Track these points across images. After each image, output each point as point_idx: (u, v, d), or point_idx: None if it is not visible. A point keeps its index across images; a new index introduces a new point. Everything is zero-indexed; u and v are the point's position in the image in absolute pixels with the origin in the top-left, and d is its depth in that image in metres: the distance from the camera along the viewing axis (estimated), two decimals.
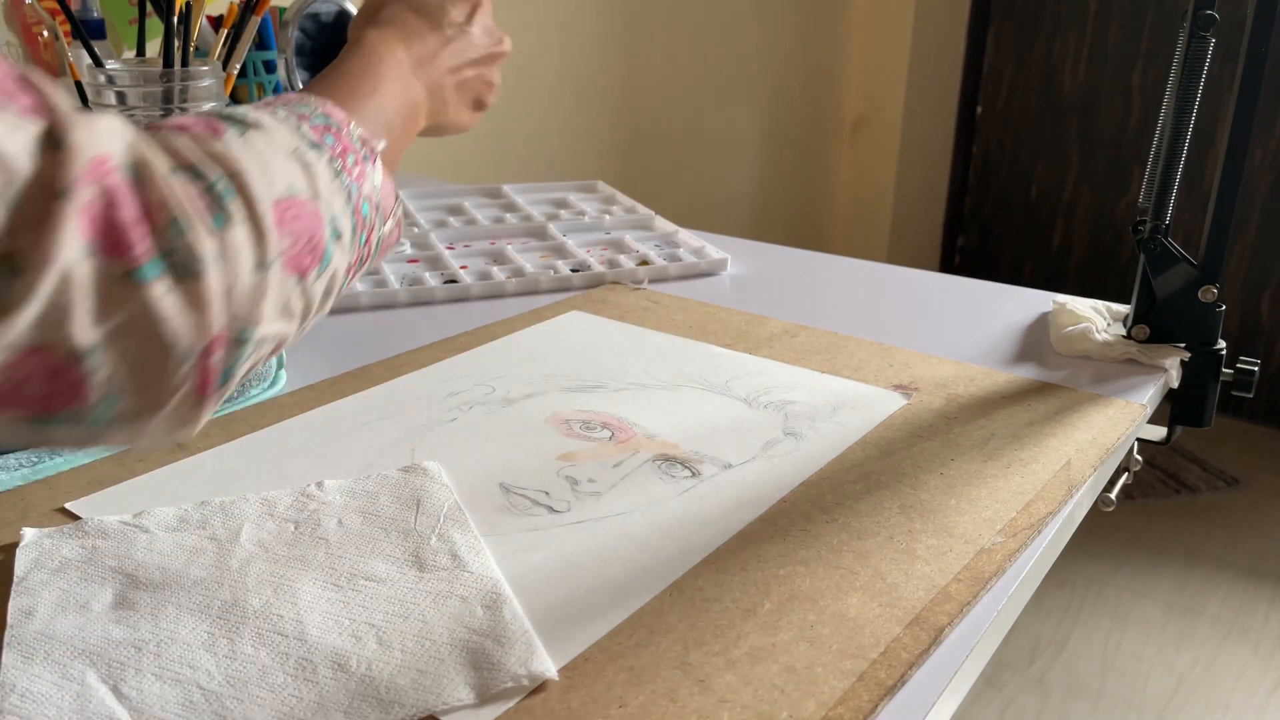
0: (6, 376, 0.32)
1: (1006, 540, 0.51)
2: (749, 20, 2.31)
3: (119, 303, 0.33)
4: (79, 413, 0.35)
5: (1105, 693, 1.67)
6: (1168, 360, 0.73)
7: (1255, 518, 2.16)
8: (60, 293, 0.32)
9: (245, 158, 0.39)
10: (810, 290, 0.92)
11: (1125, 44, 2.59)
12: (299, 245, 0.40)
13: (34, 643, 0.43)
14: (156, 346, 0.35)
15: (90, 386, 0.34)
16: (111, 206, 0.33)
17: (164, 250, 0.34)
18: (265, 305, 0.39)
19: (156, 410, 0.37)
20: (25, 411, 0.34)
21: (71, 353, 0.33)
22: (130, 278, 0.34)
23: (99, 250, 0.33)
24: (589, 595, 0.47)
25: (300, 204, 0.41)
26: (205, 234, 0.36)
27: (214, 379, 0.38)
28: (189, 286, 0.35)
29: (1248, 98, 0.67)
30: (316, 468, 0.58)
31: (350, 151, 0.46)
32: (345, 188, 0.44)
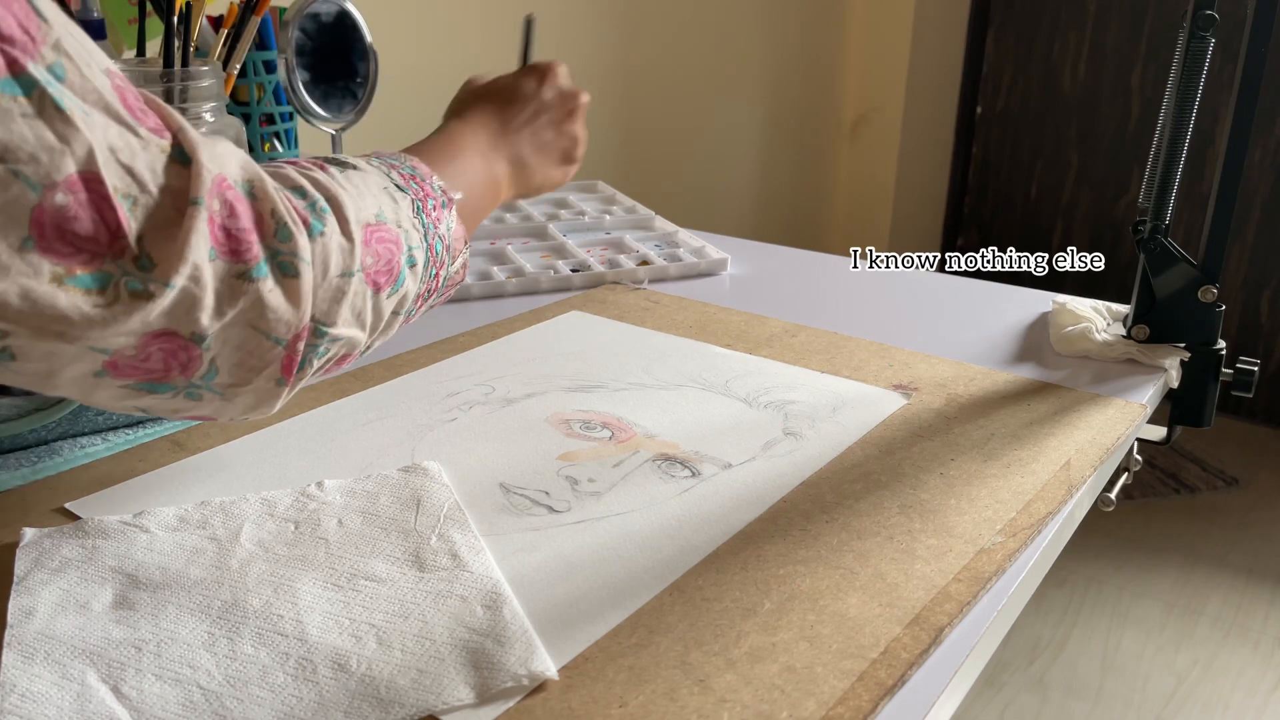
0: (136, 352, 0.38)
1: (1006, 540, 0.51)
2: (749, 20, 2.31)
3: (235, 296, 0.40)
4: (185, 382, 0.41)
5: (1105, 692, 1.67)
6: (1167, 360, 0.73)
7: (1255, 518, 2.16)
8: (190, 287, 0.38)
9: (342, 185, 0.46)
10: (810, 290, 0.92)
11: (1125, 44, 2.59)
12: (379, 264, 0.46)
13: (34, 643, 0.43)
14: (259, 333, 0.41)
15: (202, 362, 0.41)
16: (232, 216, 0.39)
17: (271, 252, 0.41)
18: (343, 308, 0.45)
19: (245, 385, 0.43)
20: (140, 379, 0.40)
21: (193, 336, 0.39)
22: (245, 276, 0.40)
23: (221, 253, 0.39)
24: (589, 595, 0.47)
25: (385, 230, 0.47)
26: (304, 240, 0.42)
27: (295, 364, 0.44)
28: (289, 284, 0.41)
29: (1248, 98, 0.67)
30: (316, 468, 0.58)
31: (430, 197, 0.53)
32: (423, 226, 0.51)
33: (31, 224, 0.34)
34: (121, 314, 0.37)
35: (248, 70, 0.94)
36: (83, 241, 0.35)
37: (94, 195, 0.35)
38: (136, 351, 0.38)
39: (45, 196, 0.34)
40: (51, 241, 0.34)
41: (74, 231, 0.35)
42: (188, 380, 0.41)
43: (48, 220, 0.34)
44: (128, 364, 0.39)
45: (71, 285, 0.35)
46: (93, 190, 0.35)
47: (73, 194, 0.34)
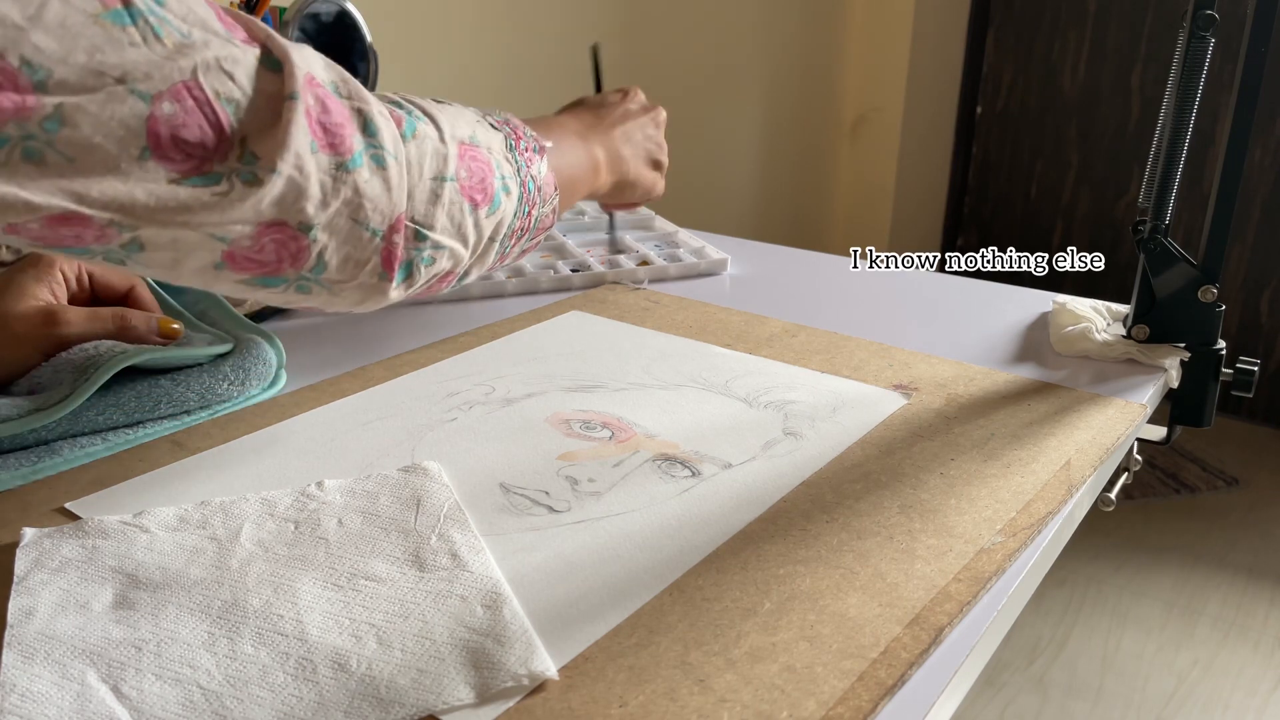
0: (251, 243, 0.42)
1: (1006, 540, 0.51)
2: (749, 20, 2.32)
3: (337, 187, 0.43)
4: (295, 275, 0.44)
5: (1105, 692, 1.67)
6: (1167, 360, 0.73)
7: (1255, 518, 2.16)
8: (294, 178, 0.41)
9: (438, 108, 0.49)
10: (810, 290, 0.92)
11: (1125, 44, 2.59)
12: (473, 180, 0.49)
13: (34, 643, 0.43)
14: (358, 222, 0.44)
15: (310, 254, 0.44)
16: (325, 111, 0.43)
17: (362, 147, 0.44)
18: (439, 212, 0.47)
19: (352, 279, 0.46)
20: (256, 272, 0.43)
21: (301, 225, 0.42)
22: (343, 167, 0.43)
23: (320, 146, 0.42)
24: (589, 595, 0.47)
25: (478, 151, 0.50)
26: (394, 136, 0.45)
27: (397, 259, 0.47)
28: (382, 175, 0.44)
29: (1248, 98, 0.67)
30: (316, 468, 0.58)
31: (523, 139, 0.55)
32: (515, 161, 0.53)
33: (148, 134, 0.38)
34: (236, 200, 0.40)
35: None
36: (193, 148, 0.39)
37: (198, 102, 0.39)
38: (252, 242, 0.42)
39: (154, 106, 0.37)
40: (166, 150, 0.38)
41: (184, 139, 0.38)
42: (298, 273, 0.44)
43: (162, 129, 0.38)
44: (244, 255, 0.42)
45: (186, 185, 0.39)
46: (196, 98, 0.39)
47: (179, 102, 0.38)
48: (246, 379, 0.66)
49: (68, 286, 0.66)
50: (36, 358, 0.62)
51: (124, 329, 0.65)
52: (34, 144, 0.36)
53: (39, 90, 0.35)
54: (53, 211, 0.37)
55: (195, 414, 0.64)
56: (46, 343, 0.62)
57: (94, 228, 0.39)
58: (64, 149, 0.36)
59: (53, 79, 0.35)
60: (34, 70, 0.35)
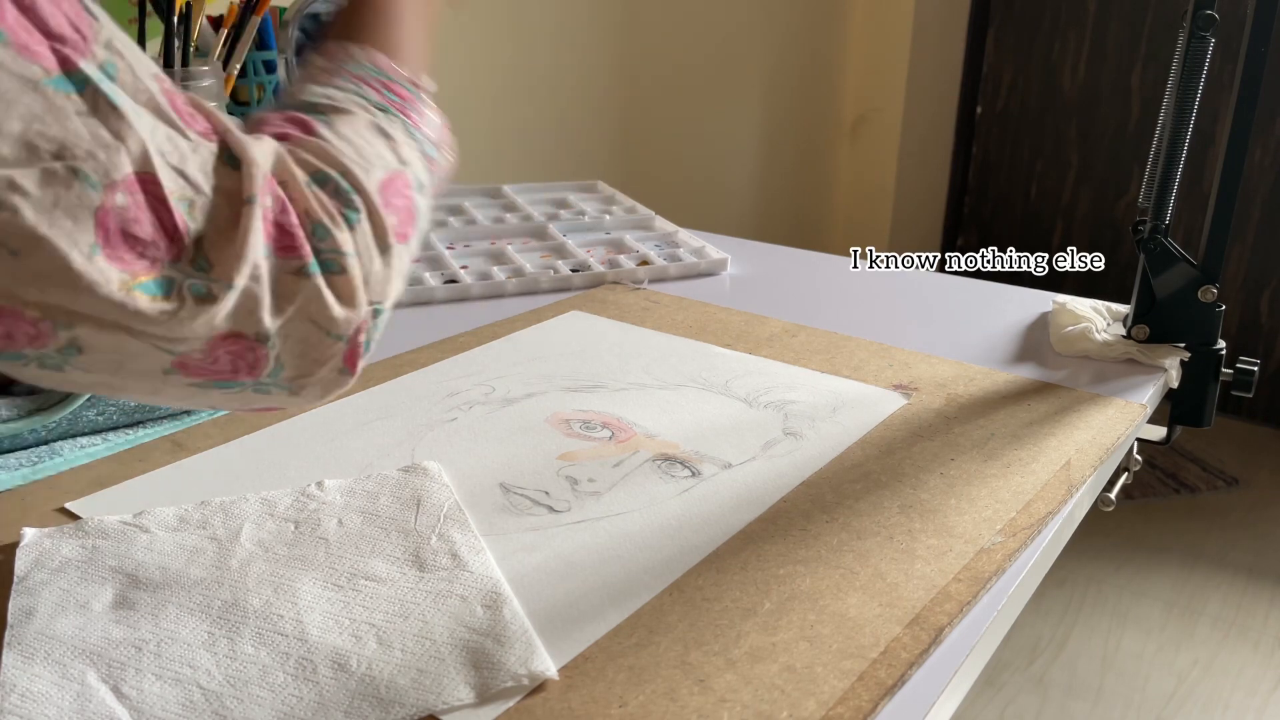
0: (204, 355, 0.39)
1: (1006, 540, 0.51)
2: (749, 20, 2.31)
3: (294, 293, 0.40)
4: (251, 382, 0.42)
5: (1105, 692, 1.67)
6: (1167, 360, 0.73)
7: (1255, 518, 2.16)
8: (251, 287, 0.38)
9: (345, 150, 0.44)
10: (810, 290, 0.92)
11: (1125, 44, 2.59)
12: (402, 217, 0.46)
13: (34, 642, 0.43)
14: (320, 329, 0.41)
15: (268, 360, 0.41)
16: (283, 213, 0.40)
17: (315, 250, 0.41)
18: (393, 281, 0.45)
19: (310, 377, 0.43)
20: (208, 379, 0.41)
21: (258, 336, 0.40)
22: (302, 272, 0.40)
23: (275, 251, 0.39)
24: (589, 595, 0.47)
25: (394, 177, 0.46)
26: (345, 233, 0.42)
27: (361, 351, 0.44)
28: (339, 281, 0.41)
29: (1248, 98, 0.67)
30: (316, 468, 0.58)
31: (409, 103, 0.51)
32: (418, 141, 0.50)
33: (97, 226, 0.34)
34: (187, 317, 0.37)
35: (248, 70, 0.94)
36: (144, 246, 0.36)
37: (151, 196, 0.36)
38: (204, 355, 0.39)
39: (106, 196, 0.34)
40: (116, 246, 0.35)
41: (135, 236, 0.35)
42: (255, 380, 0.42)
43: (111, 223, 0.35)
44: (196, 366, 0.40)
45: (138, 290, 0.36)
46: (149, 191, 0.36)
47: (131, 195, 0.35)
48: None
49: None
50: None
51: None
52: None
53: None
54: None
55: (195, 414, 0.64)
56: None
57: (26, 324, 0.35)
58: (4, 239, 0.33)
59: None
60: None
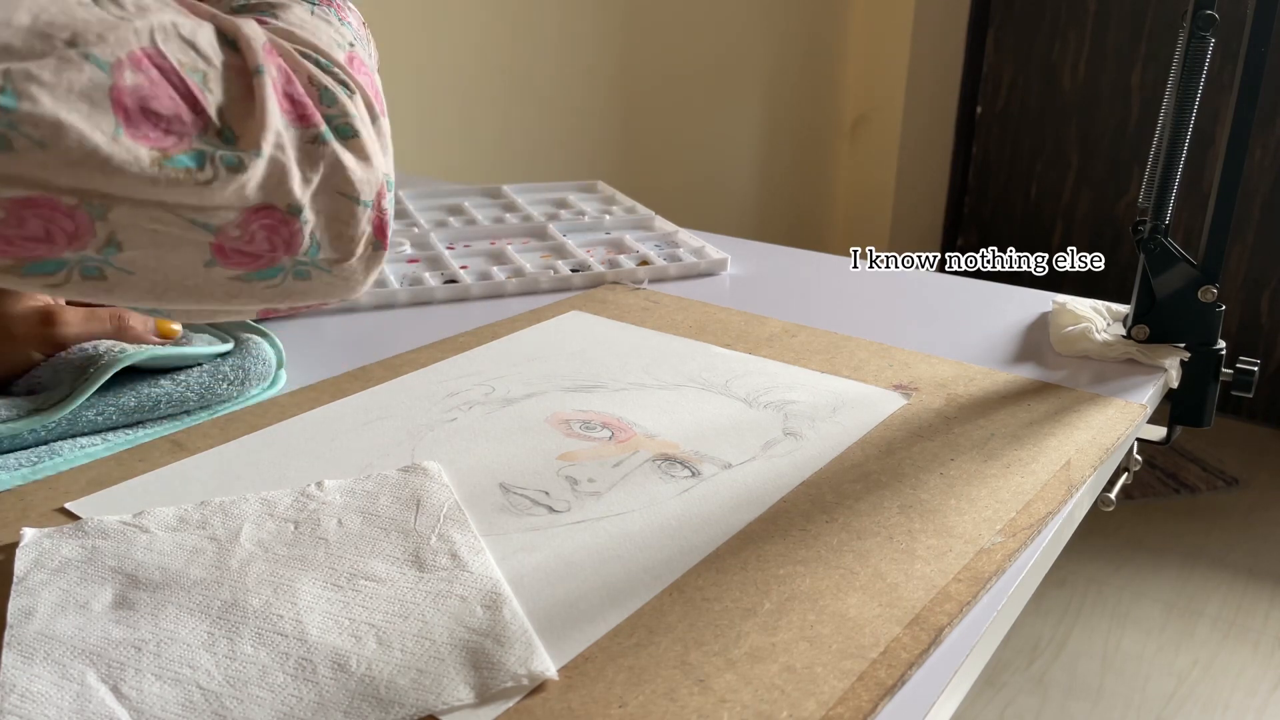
0: (240, 233, 0.39)
1: (1006, 540, 0.51)
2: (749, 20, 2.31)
3: (316, 161, 0.40)
4: (291, 262, 0.42)
5: (1105, 693, 1.67)
6: (1167, 360, 0.73)
7: (1255, 518, 2.16)
8: (276, 156, 0.39)
9: (308, 32, 0.44)
10: (810, 290, 0.92)
11: (1125, 44, 2.59)
12: (372, 91, 0.45)
13: (34, 643, 0.43)
14: (346, 197, 0.42)
15: (304, 236, 0.41)
16: (289, 82, 0.40)
17: (327, 116, 0.41)
18: (389, 150, 0.44)
19: (349, 255, 0.43)
20: (250, 266, 0.41)
21: (290, 207, 0.40)
22: (318, 140, 0.40)
23: (292, 120, 0.40)
24: (589, 595, 0.47)
25: (353, 56, 0.46)
26: (345, 99, 0.42)
27: (388, 219, 0.44)
28: (353, 144, 0.42)
29: (1248, 98, 0.67)
30: (316, 468, 0.58)
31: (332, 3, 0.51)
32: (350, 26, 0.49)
33: (114, 106, 0.35)
34: (220, 186, 0.38)
35: None
36: (168, 121, 0.36)
37: (164, 70, 0.36)
38: (240, 231, 0.39)
39: (116, 75, 0.35)
40: (138, 123, 0.36)
41: (156, 111, 0.36)
42: (294, 259, 0.42)
43: (129, 101, 0.35)
44: (234, 248, 0.40)
45: (170, 165, 0.36)
46: (160, 66, 0.36)
47: (143, 72, 0.36)
48: (246, 379, 0.66)
49: None
50: (35, 358, 0.62)
51: (122, 329, 0.65)
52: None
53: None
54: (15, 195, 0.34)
55: (195, 414, 0.64)
56: (45, 343, 0.62)
57: (62, 213, 0.35)
58: (31, 131, 0.33)
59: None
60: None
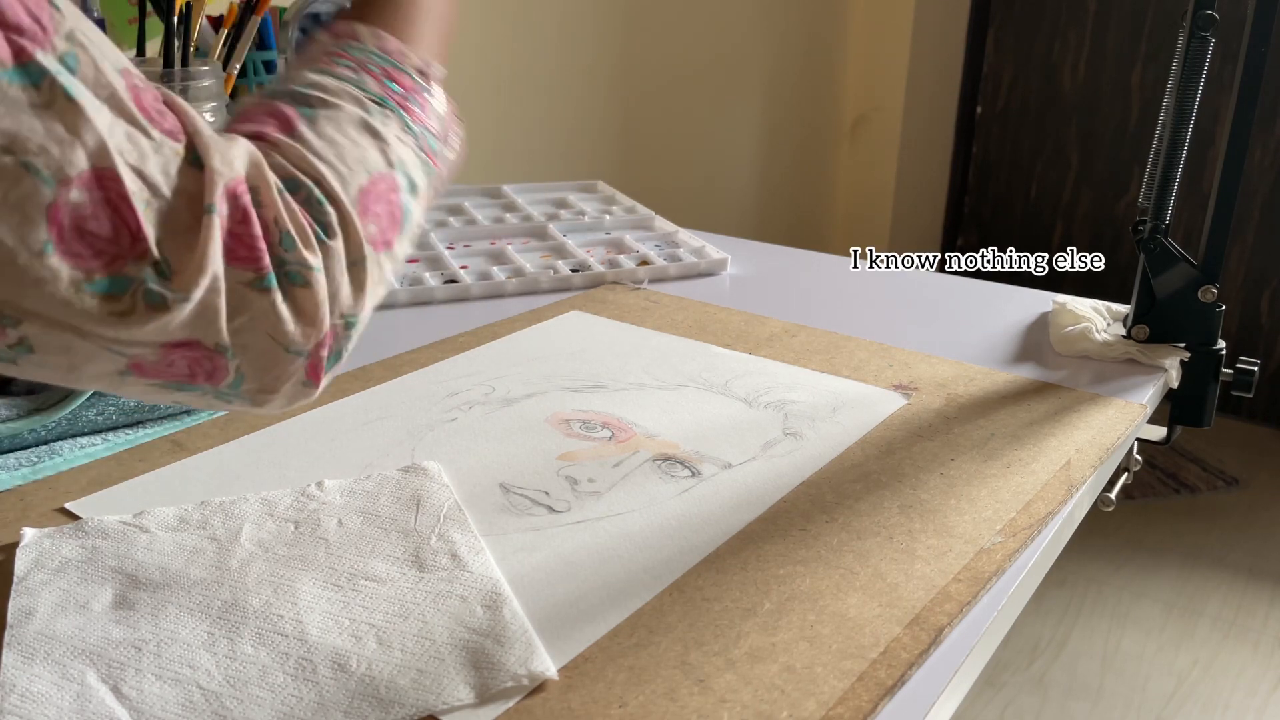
0: (159, 359, 0.38)
1: (1006, 540, 0.51)
2: (749, 20, 2.31)
3: (248, 306, 0.38)
4: (211, 388, 0.41)
5: (1105, 693, 1.67)
6: (1167, 360, 0.73)
7: (1255, 518, 2.16)
8: (209, 298, 0.37)
9: (325, 153, 0.42)
10: (810, 290, 0.92)
11: (1125, 44, 2.59)
12: (383, 223, 0.44)
13: (34, 643, 0.43)
14: (275, 344, 0.40)
15: (228, 371, 0.40)
16: (245, 222, 0.38)
17: (278, 261, 0.39)
18: (366, 292, 0.43)
19: (273, 393, 0.42)
20: (167, 378, 0.39)
21: (217, 346, 0.39)
22: (256, 284, 0.38)
23: (234, 260, 0.38)
24: (589, 595, 0.47)
25: (378, 181, 0.44)
26: (312, 246, 0.40)
27: (324, 365, 0.42)
28: (301, 294, 0.40)
29: (1248, 98, 0.67)
30: (316, 468, 0.58)
31: (412, 93, 0.48)
32: (416, 136, 0.47)
33: (50, 223, 0.33)
34: (136, 323, 0.36)
35: (248, 70, 0.94)
36: (103, 244, 0.34)
37: (110, 194, 0.34)
38: (159, 358, 0.38)
39: (60, 193, 0.33)
40: (71, 243, 0.34)
41: (93, 233, 0.34)
42: (215, 388, 0.41)
43: (65, 220, 0.34)
44: (152, 368, 0.38)
45: (89, 290, 0.35)
46: (108, 188, 0.34)
47: (88, 191, 0.34)
48: None
49: None
50: None
51: None
52: None
53: None
54: None
55: (195, 414, 0.64)
56: None
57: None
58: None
59: None
60: None
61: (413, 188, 0.47)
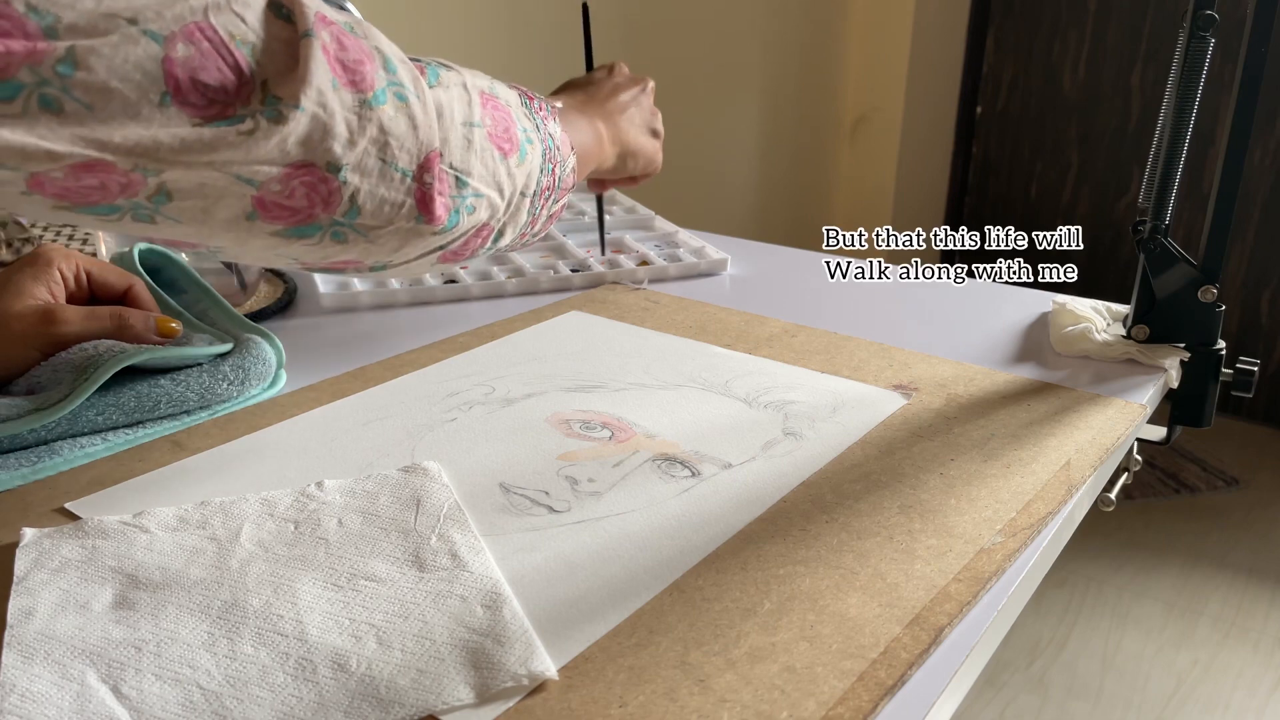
0: (281, 187, 0.41)
1: (1006, 540, 0.51)
2: (749, 20, 2.31)
3: (361, 124, 0.42)
4: (329, 220, 0.44)
5: (1105, 692, 1.67)
6: (1167, 360, 0.73)
7: (1255, 518, 2.16)
8: (318, 115, 0.41)
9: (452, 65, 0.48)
10: (810, 290, 0.92)
11: (1125, 44, 2.59)
12: (498, 129, 0.48)
13: (34, 643, 0.43)
14: (386, 162, 0.43)
15: (342, 197, 0.43)
16: (343, 48, 0.42)
17: (385, 83, 0.43)
18: (474, 159, 0.47)
19: (388, 224, 0.45)
20: (289, 221, 0.43)
21: (330, 166, 0.42)
22: (366, 104, 0.42)
23: (341, 83, 0.42)
24: (589, 595, 0.47)
25: (498, 102, 0.49)
26: (414, 79, 0.45)
27: (435, 201, 0.46)
28: (406, 113, 0.44)
29: (1248, 98, 0.67)
30: (316, 468, 0.58)
31: (535, 99, 0.55)
32: (533, 117, 0.53)
33: (166, 77, 0.37)
34: (262, 138, 0.40)
35: None
36: (214, 91, 0.38)
37: (213, 43, 0.38)
38: (281, 186, 0.41)
39: (168, 48, 0.37)
40: (187, 94, 0.38)
41: (204, 83, 0.38)
42: (331, 218, 0.43)
43: (180, 72, 0.37)
44: (274, 201, 0.42)
45: (212, 127, 0.39)
46: (211, 38, 0.38)
47: (194, 44, 0.38)
48: (246, 379, 0.66)
49: (65, 286, 0.66)
50: (35, 357, 0.62)
51: (122, 328, 0.65)
52: (50, 91, 0.35)
53: (49, 36, 0.35)
54: (75, 159, 0.37)
55: (195, 414, 0.64)
56: (45, 342, 0.62)
57: (118, 174, 0.38)
58: (81, 95, 0.36)
59: (62, 24, 0.35)
60: (41, 16, 0.35)
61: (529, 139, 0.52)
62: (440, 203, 0.46)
